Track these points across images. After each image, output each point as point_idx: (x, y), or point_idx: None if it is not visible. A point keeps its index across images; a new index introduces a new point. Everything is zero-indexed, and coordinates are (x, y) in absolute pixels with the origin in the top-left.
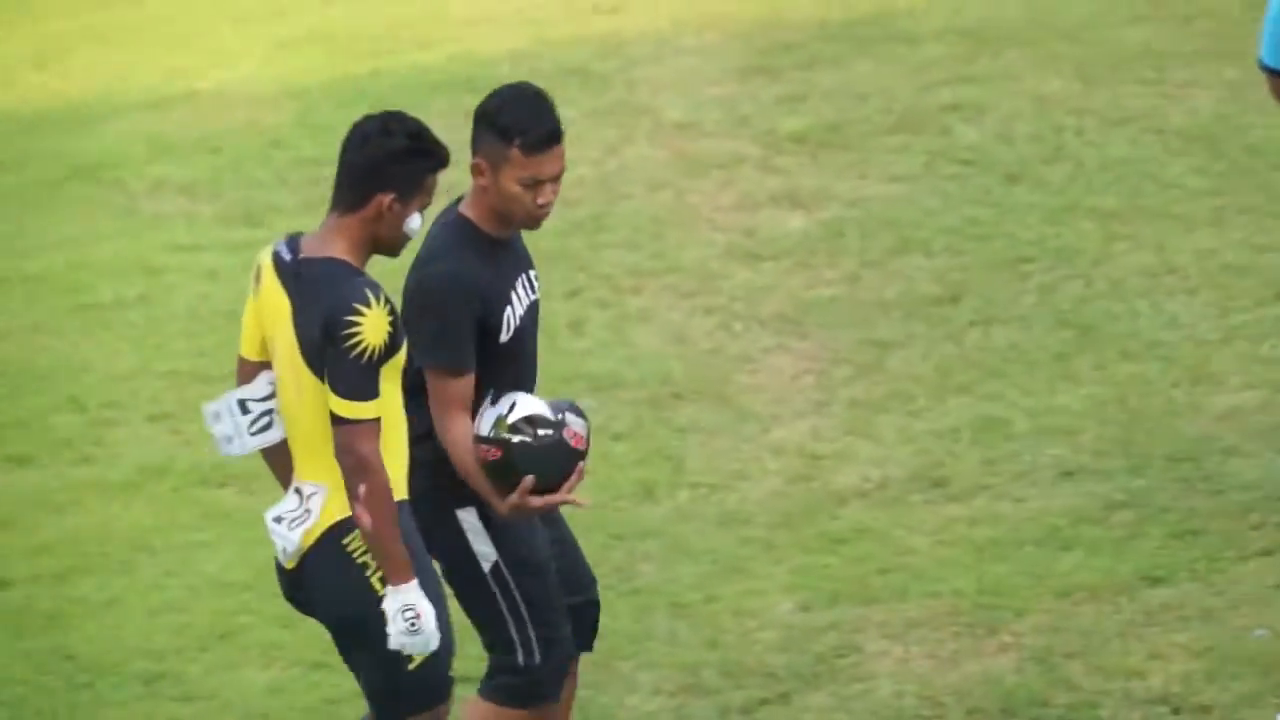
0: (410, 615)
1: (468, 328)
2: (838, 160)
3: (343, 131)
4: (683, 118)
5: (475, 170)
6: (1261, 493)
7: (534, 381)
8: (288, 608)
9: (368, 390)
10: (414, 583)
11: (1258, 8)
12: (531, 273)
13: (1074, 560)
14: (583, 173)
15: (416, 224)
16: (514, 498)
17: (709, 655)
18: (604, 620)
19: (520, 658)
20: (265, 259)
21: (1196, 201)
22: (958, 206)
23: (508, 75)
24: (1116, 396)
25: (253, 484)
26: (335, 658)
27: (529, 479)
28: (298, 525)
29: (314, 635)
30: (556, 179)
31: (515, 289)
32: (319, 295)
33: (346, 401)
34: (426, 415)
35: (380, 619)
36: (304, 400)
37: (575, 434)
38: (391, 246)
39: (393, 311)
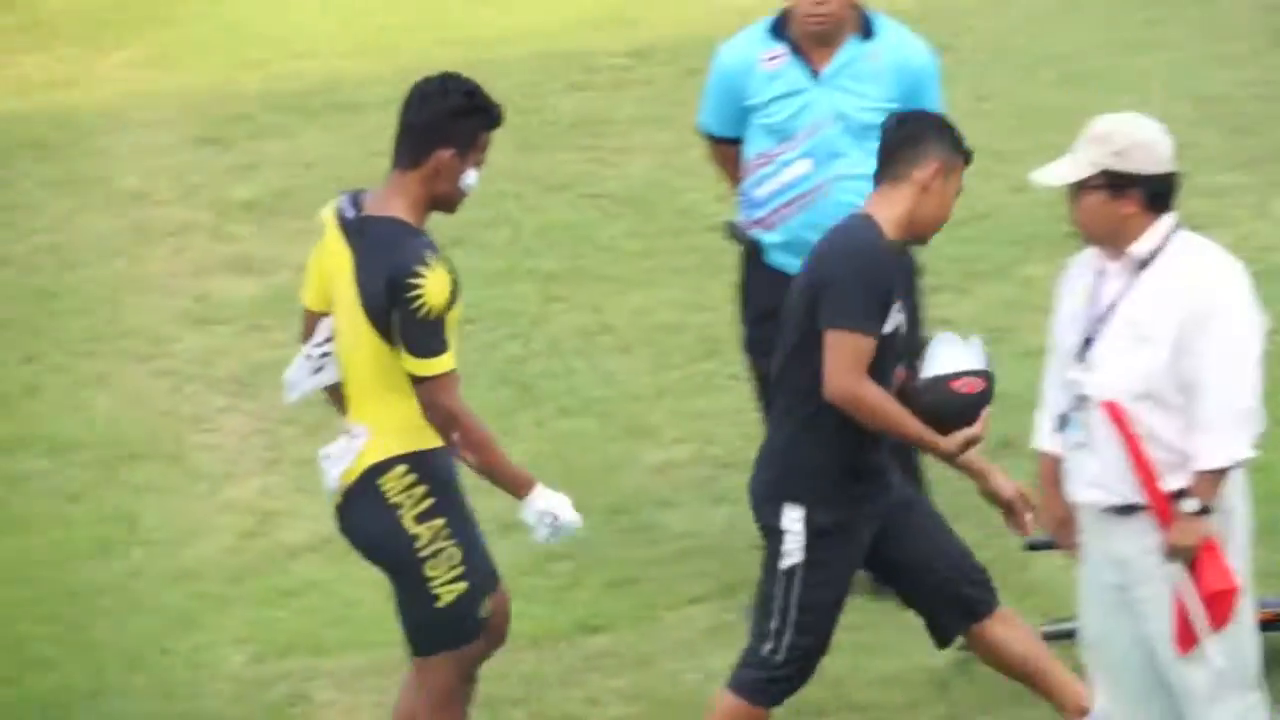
0: (547, 518)
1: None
2: (287, 227)
3: None
4: (136, 187)
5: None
6: (694, 542)
7: None
8: None
9: (437, 346)
10: (536, 488)
11: (692, 76)
12: None
13: (515, 610)
14: (38, 241)
15: (472, 180)
16: (970, 431)
17: (165, 707)
18: (57, 676)
19: (766, 649)
20: (328, 214)
21: (631, 263)
22: None
23: None
24: (555, 451)
25: None
26: None
27: (986, 411)
28: (341, 462)
29: None
30: None
31: None
32: (380, 254)
33: (422, 360)
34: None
35: (412, 558)
36: (359, 348)
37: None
38: (449, 202)
39: (450, 269)
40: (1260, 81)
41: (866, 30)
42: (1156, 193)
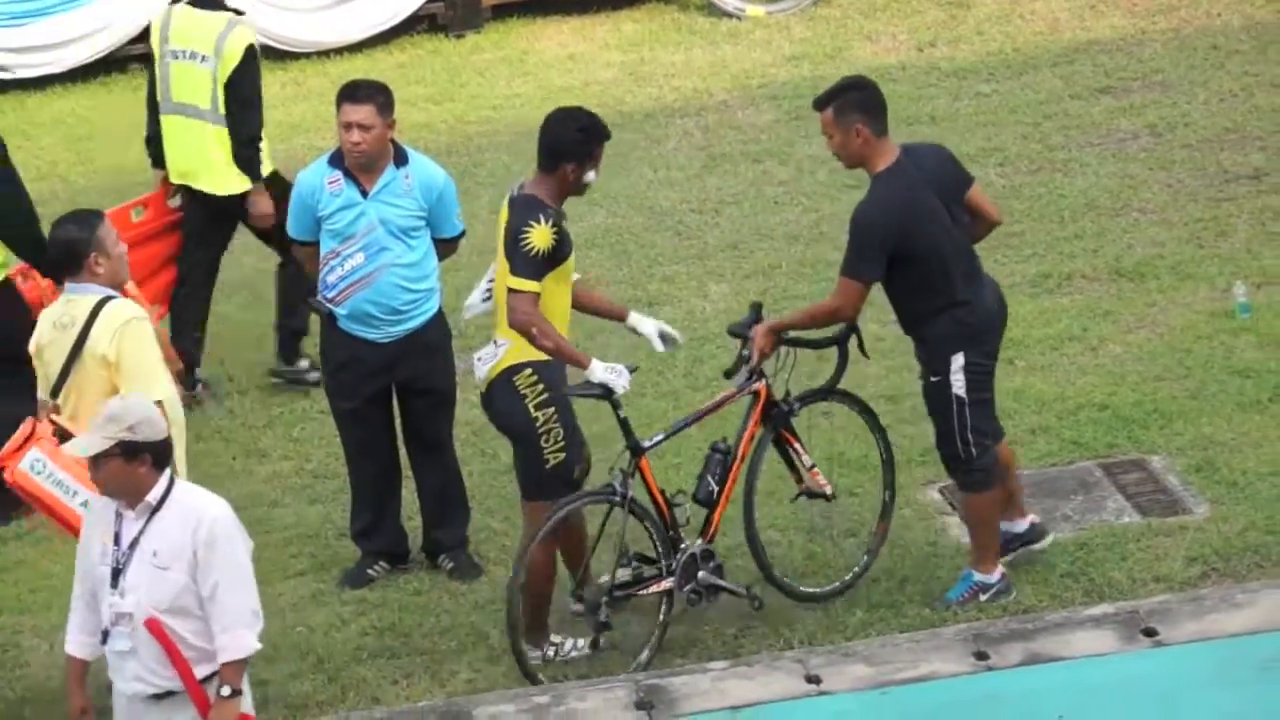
0: (610, 373)
1: None
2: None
3: None
4: None
5: None
6: (295, 532)
7: None
8: None
9: (529, 273)
10: (593, 362)
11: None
12: None
13: None
14: None
15: (592, 177)
16: None
17: None
18: None
19: (962, 453)
20: (507, 195)
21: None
22: None
23: None
24: (192, 464)
25: None
26: None
27: None
28: (487, 363)
29: None
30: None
31: None
32: (516, 218)
33: (516, 278)
34: (936, 296)
35: (532, 432)
36: (503, 283)
37: None
38: (578, 192)
39: (558, 231)
40: (696, 199)
41: (400, 159)
42: (160, 454)
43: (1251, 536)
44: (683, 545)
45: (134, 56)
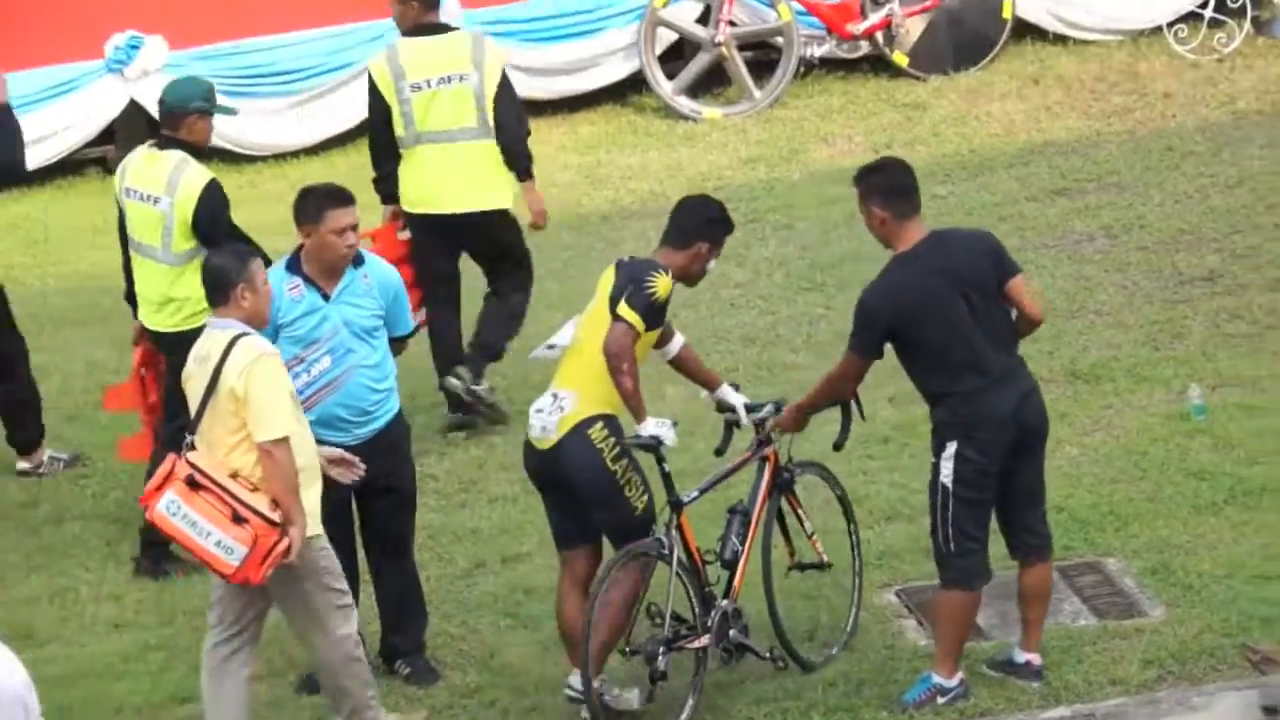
0: (660, 427)
1: None
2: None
3: None
4: None
5: None
6: None
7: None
8: None
9: (641, 310)
10: (648, 419)
11: None
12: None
13: (132, 685)
14: None
15: (712, 265)
16: None
17: None
18: None
19: (943, 546)
20: (610, 266)
21: None
22: None
23: None
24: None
25: None
26: None
27: None
28: (553, 415)
29: None
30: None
31: None
32: (637, 270)
33: (628, 307)
34: (936, 382)
35: (614, 485)
36: (596, 337)
37: None
38: (695, 278)
39: (671, 293)
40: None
41: (357, 260)
42: None
43: (1207, 639)
44: (718, 603)
45: (91, 160)
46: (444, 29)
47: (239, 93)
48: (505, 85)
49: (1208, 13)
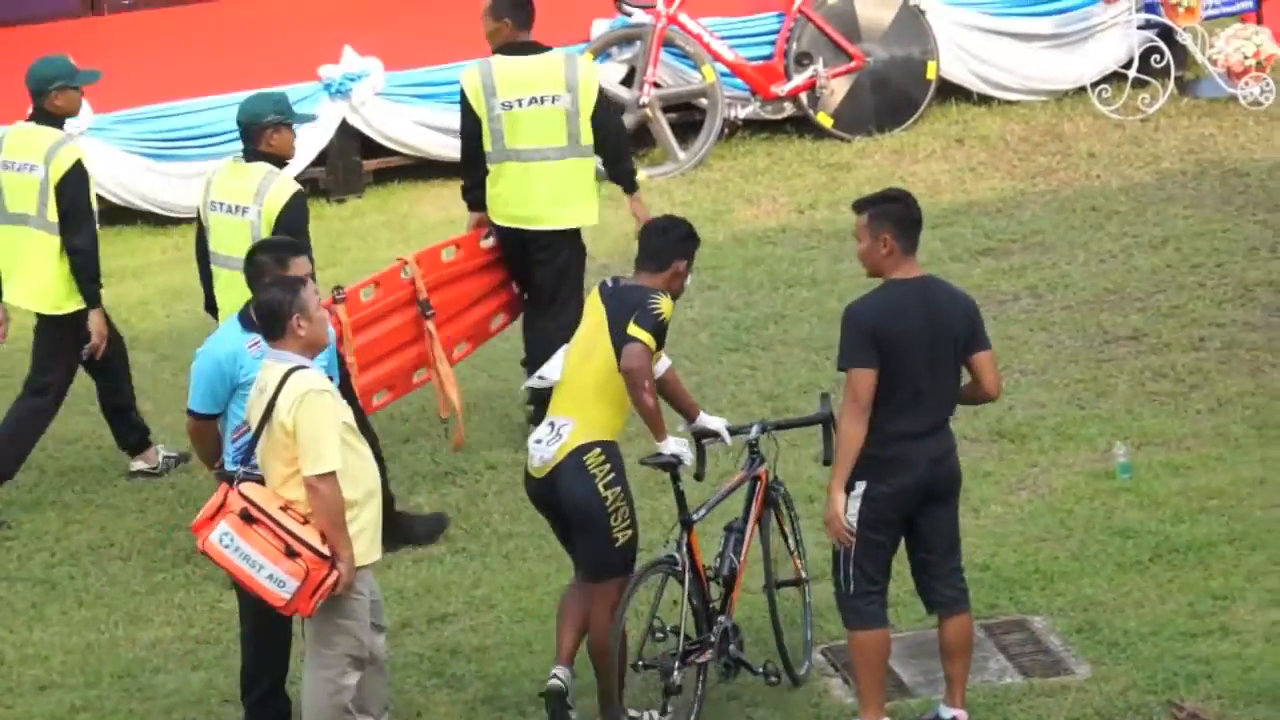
0: (680, 445)
1: None
2: None
3: None
4: None
5: None
6: (179, 698)
7: None
8: None
9: (651, 329)
10: (668, 438)
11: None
12: None
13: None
14: None
15: (690, 281)
16: None
17: None
18: None
19: (841, 584)
20: (595, 289)
21: None
22: None
23: None
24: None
25: None
26: None
27: None
28: (552, 444)
29: None
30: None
31: None
32: (633, 295)
33: (641, 330)
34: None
35: (602, 512)
36: (592, 362)
37: None
38: (676, 296)
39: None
40: None
41: None
42: None
43: (1133, 696)
44: (720, 619)
45: None
46: (538, 48)
47: (162, 155)
48: (603, 104)
49: (1131, 73)
